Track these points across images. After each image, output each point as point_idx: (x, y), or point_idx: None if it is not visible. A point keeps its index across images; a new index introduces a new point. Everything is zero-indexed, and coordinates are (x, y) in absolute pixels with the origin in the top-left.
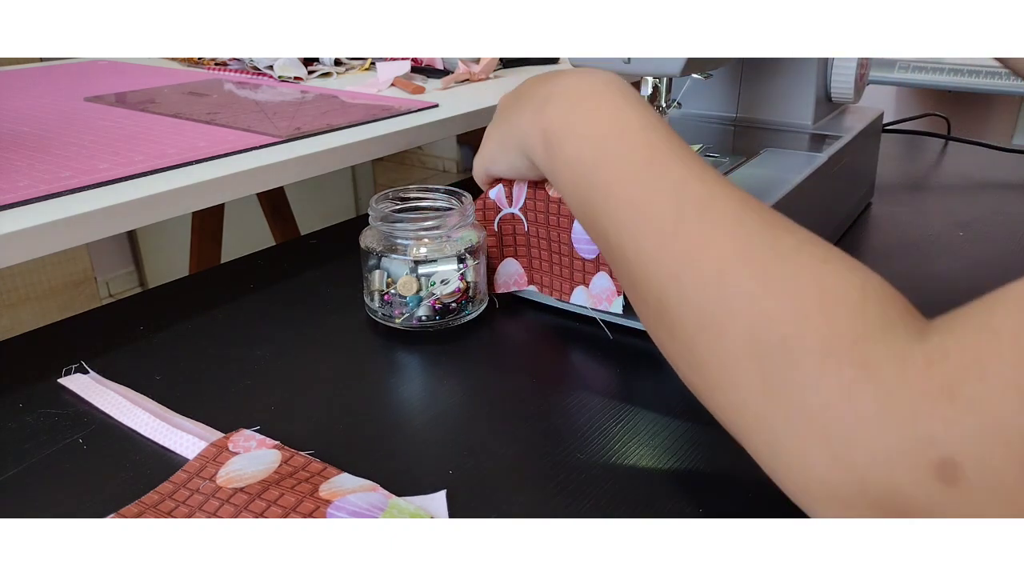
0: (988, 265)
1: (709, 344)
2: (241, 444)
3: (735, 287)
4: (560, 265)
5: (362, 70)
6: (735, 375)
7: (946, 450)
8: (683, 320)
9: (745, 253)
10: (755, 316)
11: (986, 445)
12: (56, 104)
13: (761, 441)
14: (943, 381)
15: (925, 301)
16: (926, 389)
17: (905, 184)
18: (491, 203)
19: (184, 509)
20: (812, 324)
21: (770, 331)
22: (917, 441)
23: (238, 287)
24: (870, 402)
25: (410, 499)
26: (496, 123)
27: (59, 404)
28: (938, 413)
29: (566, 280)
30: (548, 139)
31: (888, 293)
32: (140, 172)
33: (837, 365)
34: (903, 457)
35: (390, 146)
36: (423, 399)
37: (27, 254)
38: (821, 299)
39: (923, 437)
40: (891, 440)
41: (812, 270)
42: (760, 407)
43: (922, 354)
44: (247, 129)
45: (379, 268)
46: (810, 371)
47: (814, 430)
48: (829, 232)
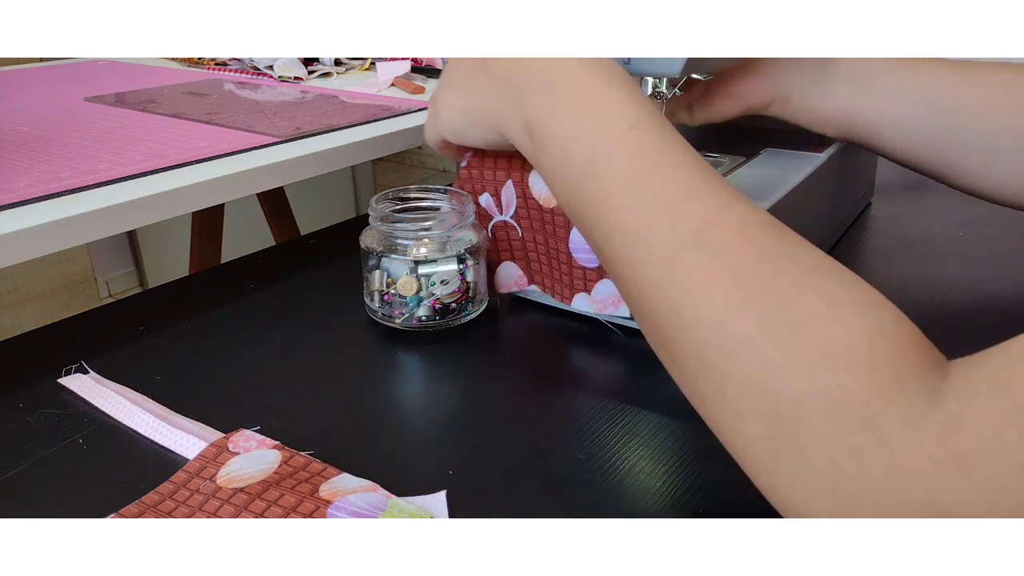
0: (988, 265)
1: (711, 384)
2: (241, 444)
3: (737, 333)
4: (559, 272)
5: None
6: (738, 420)
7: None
8: (684, 355)
9: (747, 294)
10: (758, 367)
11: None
12: (56, 104)
13: (766, 483)
14: (957, 451)
15: (925, 301)
16: (939, 459)
17: (905, 184)
18: (481, 210)
19: (184, 509)
20: (819, 382)
21: (775, 384)
22: (926, 508)
23: (238, 287)
24: (879, 467)
25: (410, 499)
26: (457, 92)
27: (59, 404)
28: (951, 485)
29: (566, 286)
30: (532, 132)
31: (901, 338)
32: (140, 172)
33: (846, 426)
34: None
35: (390, 146)
36: (423, 399)
37: (27, 254)
38: (828, 353)
39: (933, 505)
40: (899, 502)
41: (818, 317)
42: (765, 455)
43: (936, 422)
44: (247, 129)
45: (379, 268)
46: (817, 429)
47: (820, 484)
48: (829, 232)
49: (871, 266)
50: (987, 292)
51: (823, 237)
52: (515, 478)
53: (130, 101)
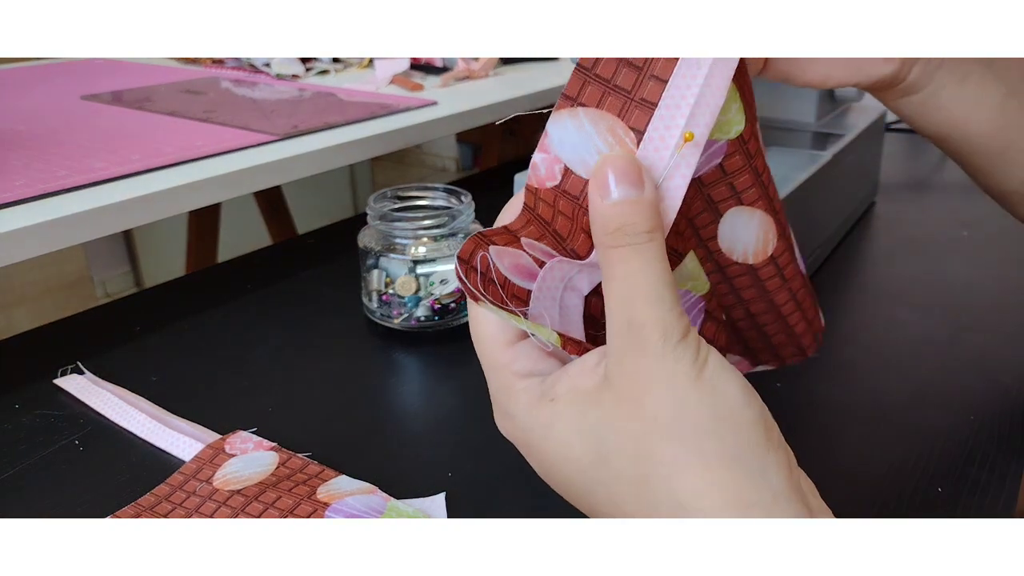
0: (992, 265)
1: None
2: (238, 446)
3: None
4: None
5: (360, 68)
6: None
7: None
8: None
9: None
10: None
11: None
12: (52, 103)
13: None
14: None
15: (929, 301)
16: None
17: (909, 183)
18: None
19: (181, 512)
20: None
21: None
22: None
23: (235, 287)
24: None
25: (409, 502)
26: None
27: (55, 405)
28: None
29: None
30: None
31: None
32: (136, 171)
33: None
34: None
35: (389, 144)
36: (422, 400)
37: (22, 254)
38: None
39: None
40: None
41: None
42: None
43: None
44: (244, 127)
45: (377, 268)
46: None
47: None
48: (832, 231)
49: (875, 266)
50: (991, 291)
51: (826, 237)
52: (515, 480)
53: (126, 99)
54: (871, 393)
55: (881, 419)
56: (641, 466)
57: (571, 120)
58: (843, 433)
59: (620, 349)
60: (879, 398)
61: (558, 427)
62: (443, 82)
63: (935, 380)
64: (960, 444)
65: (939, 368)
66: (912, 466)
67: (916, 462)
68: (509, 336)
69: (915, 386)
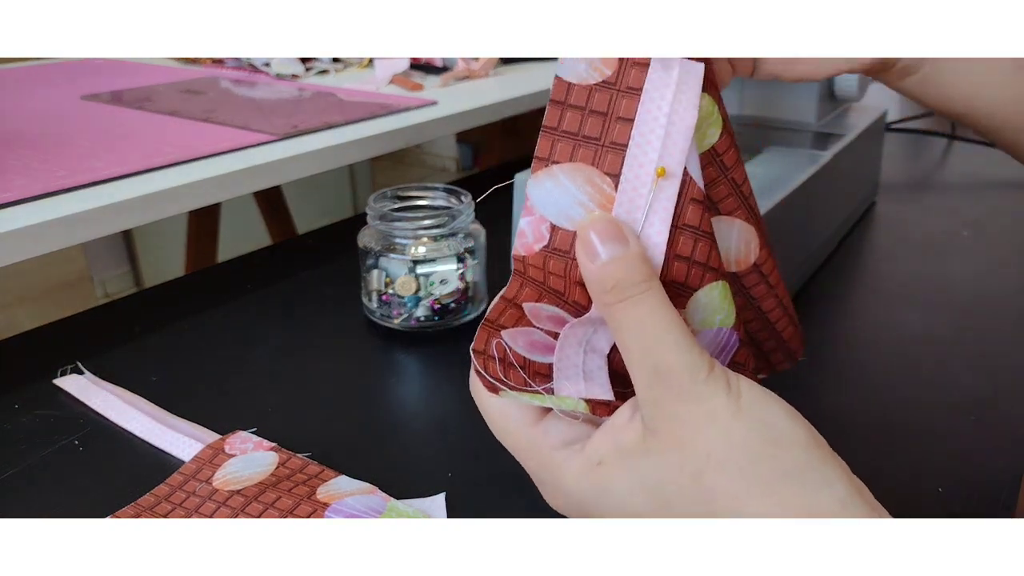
0: (993, 264)
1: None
2: (238, 446)
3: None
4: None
5: (360, 67)
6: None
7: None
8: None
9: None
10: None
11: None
12: (52, 102)
13: None
14: None
15: (929, 301)
16: None
17: (909, 183)
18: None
19: (181, 512)
20: None
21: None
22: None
23: (234, 287)
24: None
25: (409, 502)
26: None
27: (55, 405)
28: None
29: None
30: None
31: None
32: (136, 171)
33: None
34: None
35: (388, 144)
36: (422, 401)
37: (22, 254)
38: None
39: None
40: None
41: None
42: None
43: None
44: (244, 127)
45: (377, 268)
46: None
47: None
48: (833, 231)
49: (875, 265)
50: (991, 291)
51: (827, 237)
52: (515, 481)
53: (126, 99)
54: (871, 392)
55: (881, 419)
56: (705, 504)
57: (549, 179)
58: (843, 433)
59: (653, 397)
60: (879, 397)
61: (613, 488)
62: (443, 82)
63: (935, 380)
64: (960, 444)
65: (940, 368)
66: (912, 466)
67: (916, 462)
68: (533, 415)
69: (915, 386)
